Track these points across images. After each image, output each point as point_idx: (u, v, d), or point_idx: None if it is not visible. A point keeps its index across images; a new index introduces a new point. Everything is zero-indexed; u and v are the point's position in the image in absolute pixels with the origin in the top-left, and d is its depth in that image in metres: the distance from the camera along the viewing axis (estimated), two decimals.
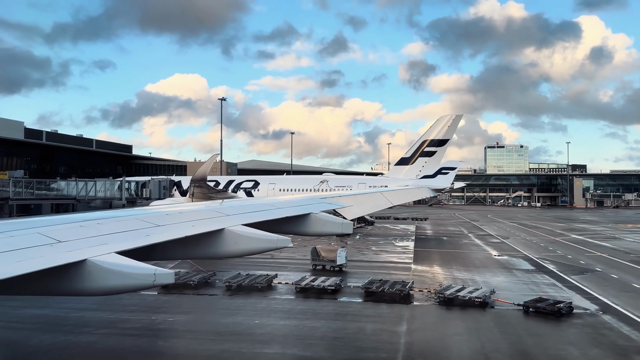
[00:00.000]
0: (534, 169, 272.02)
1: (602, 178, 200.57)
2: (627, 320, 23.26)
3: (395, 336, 20.67)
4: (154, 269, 7.22)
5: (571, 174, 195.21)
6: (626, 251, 48.08)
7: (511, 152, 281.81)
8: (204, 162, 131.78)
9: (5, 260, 6.60)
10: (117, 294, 7.58)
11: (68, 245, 7.64)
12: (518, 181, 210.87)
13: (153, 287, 7.36)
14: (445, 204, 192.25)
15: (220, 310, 25.37)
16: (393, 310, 25.19)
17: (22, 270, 6.35)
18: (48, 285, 7.24)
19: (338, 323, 22.96)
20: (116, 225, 9.27)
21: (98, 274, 7.07)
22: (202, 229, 10.13)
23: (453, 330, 22.02)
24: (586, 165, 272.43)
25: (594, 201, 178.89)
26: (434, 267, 38.86)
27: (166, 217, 10.74)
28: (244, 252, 10.63)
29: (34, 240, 7.56)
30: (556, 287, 30.97)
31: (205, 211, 12.05)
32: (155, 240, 8.89)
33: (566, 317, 23.82)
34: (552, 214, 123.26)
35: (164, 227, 9.77)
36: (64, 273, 7.08)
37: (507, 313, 24.85)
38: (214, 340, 20.37)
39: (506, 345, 19.77)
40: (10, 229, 7.97)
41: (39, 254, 7.08)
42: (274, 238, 10.57)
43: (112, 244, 8.05)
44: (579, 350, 19.22)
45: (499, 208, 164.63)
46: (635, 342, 20.08)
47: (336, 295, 28.29)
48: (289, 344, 20.03)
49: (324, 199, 17.56)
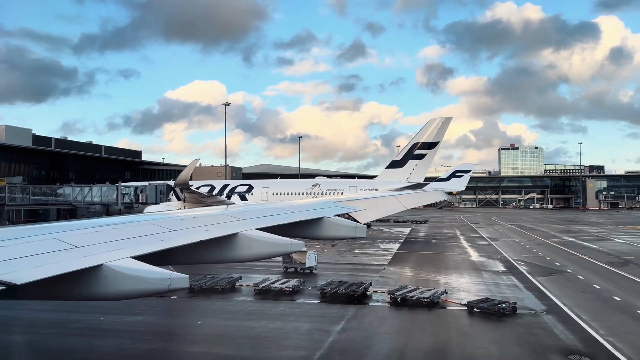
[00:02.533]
0: (550, 170, 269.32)
1: (617, 179, 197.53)
2: (566, 320, 23.41)
3: (326, 335, 21.11)
4: (169, 273, 7.35)
5: (584, 175, 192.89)
6: (609, 252, 47.82)
7: (525, 154, 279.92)
8: (209, 167, 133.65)
9: (24, 265, 6.67)
10: (132, 298, 7.61)
11: (84, 250, 7.71)
12: (531, 183, 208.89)
13: (168, 291, 7.51)
14: (457, 206, 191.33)
15: (170, 312, 26.05)
16: (340, 310, 25.59)
17: (39, 275, 6.40)
18: (65, 290, 7.29)
19: (278, 323, 23.46)
20: (131, 231, 9.34)
21: (114, 279, 7.15)
22: (216, 233, 10.16)
23: (386, 329, 22.43)
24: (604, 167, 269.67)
25: (607, 202, 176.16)
26: (405, 268, 39.16)
27: (180, 222, 10.88)
28: (258, 256, 10.66)
29: (52, 245, 7.63)
30: (516, 289, 31.12)
31: (219, 215, 12.06)
32: (170, 245, 8.96)
33: (507, 317, 24.03)
34: (559, 215, 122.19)
35: (179, 232, 9.83)
36: (81, 278, 7.16)
37: (451, 313, 25.17)
38: (148, 340, 21.03)
39: (428, 344, 20.12)
40: (28, 235, 8.10)
41: (56, 259, 7.15)
42: (287, 242, 10.63)
43: (127, 248, 8.13)
44: (499, 349, 19.51)
45: (509, 210, 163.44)
46: (559, 342, 20.26)
47: (294, 297, 28.75)
48: (218, 343, 20.60)
49: (337, 202, 17.66)
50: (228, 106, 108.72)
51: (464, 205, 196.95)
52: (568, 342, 20.28)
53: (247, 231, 10.47)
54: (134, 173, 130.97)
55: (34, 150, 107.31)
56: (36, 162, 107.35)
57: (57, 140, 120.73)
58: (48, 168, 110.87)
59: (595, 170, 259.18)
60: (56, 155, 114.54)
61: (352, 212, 17.26)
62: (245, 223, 11.32)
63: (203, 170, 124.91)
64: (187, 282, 7.64)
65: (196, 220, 11.29)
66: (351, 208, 17.41)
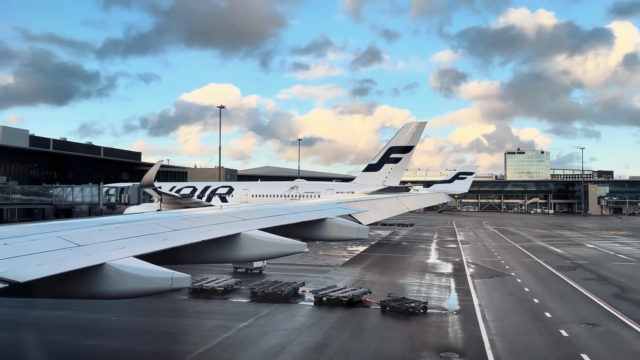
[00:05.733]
0: (558, 175, 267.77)
1: (621, 184, 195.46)
2: (467, 320, 24.03)
3: (224, 331, 21.89)
4: (171, 272, 7.35)
5: (586, 180, 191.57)
6: (567, 257, 48.14)
7: (532, 159, 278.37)
8: (204, 169, 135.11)
9: (26, 263, 6.62)
10: (134, 297, 7.64)
11: (87, 249, 7.69)
12: (535, 187, 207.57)
13: (170, 290, 7.48)
14: (459, 210, 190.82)
15: (94, 308, 26.31)
16: (258, 308, 26.32)
17: (42, 273, 6.37)
18: (67, 288, 7.29)
19: (189, 320, 24.38)
20: (134, 230, 9.31)
21: (116, 278, 7.14)
22: (219, 233, 10.15)
23: (288, 326, 23.18)
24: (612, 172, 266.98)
25: (610, 208, 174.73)
26: (355, 269, 39.84)
27: (183, 222, 10.87)
28: (260, 256, 10.86)
29: (55, 244, 7.62)
30: (446, 290, 31.80)
31: (222, 215, 12.06)
32: (173, 245, 8.93)
33: (415, 315, 24.72)
34: (553, 221, 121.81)
35: (181, 232, 9.83)
36: (83, 276, 7.13)
37: (364, 311, 25.93)
38: (52, 333, 21.94)
39: (315, 340, 20.78)
40: (31, 233, 8.06)
41: (59, 257, 7.11)
42: (289, 243, 10.63)
43: (130, 247, 8.11)
44: (379, 345, 20.20)
45: (509, 215, 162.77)
46: (443, 340, 20.91)
47: (226, 296, 29.57)
48: (119, 337, 21.51)
49: (340, 203, 17.81)
50: (223, 108, 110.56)
51: (466, 210, 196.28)
52: (452, 340, 20.98)
53: (250, 231, 10.49)
54: (133, 174, 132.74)
55: (32, 151, 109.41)
56: (34, 162, 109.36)
57: (55, 141, 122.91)
58: (48, 168, 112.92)
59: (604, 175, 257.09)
60: (55, 156, 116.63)
61: (354, 213, 17.52)
62: (248, 223, 11.36)
63: (198, 172, 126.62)
64: (189, 281, 7.68)
65: (199, 219, 11.35)
66: (354, 209, 17.68)
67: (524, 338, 21.30)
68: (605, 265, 42.62)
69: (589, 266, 42.21)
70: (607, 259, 47.61)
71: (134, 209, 66.70)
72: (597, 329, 22.56)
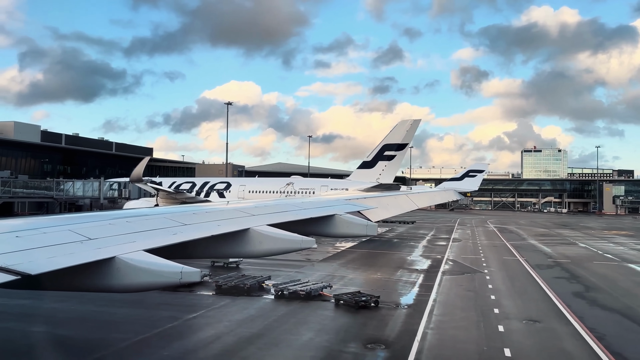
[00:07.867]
0: (575, 174, 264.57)
1: (637, 184, 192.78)
2: (414, 315, 24.41)
3: (170, 321, 22.59)
4: (181, 267, 7.44)
5: (601, 179, 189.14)
6: (552, 256, 48.08)
7: (549, 157, 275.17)
8: (211, 165, 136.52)
9: (38, 256, 6.70)
10: (144, 291, 7.71)
11: (98, 242, 7.79)
12: (550, 186, 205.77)
13: (180, 285, 7.63)
14: (471, 208, 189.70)
15: (53, 297, 26.64)
16: (216, 300, 26.99)
17: (53, 266, 6.45)
18: (77, 281, 7.34)
19: (141, 311, 24.98)
20: (144, 224, 9.39)
21: (126, 271, 7.19)
22: (228, 228, 10.28)
23: (234, 317, 23.73)
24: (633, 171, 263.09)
25: (625, 208, 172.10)
26: (331, 265, 40.33)
27: (193, 216, 10.92)
28: (269, 252, 10.88)
29: (66, 237, 7.70)
30: (410, 285, 32.21)
31: (231, 211, 12.24)
32: (182, 239, 9.08)
33: (366, 309, 25.17)
34: (562, 220, 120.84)
35: (191, 226, 9.91)
36: (94, 270, 7.22)
37: (317, 304, 26.39)
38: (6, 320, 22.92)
39: (253, 331, 21.34)
40: (43, 226, 8.16)
41: (69, 250, 7.21)
42: (298, 239, 10.80)
43: (140, 241, 8.18)
44: (311, 336, 20.71)
45: (521, 213, 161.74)
46: (378, 332, 21.41)
47: (193, 288, 30.25)
48: (67, 325, 22.27)
49: (348, 200, 17.96)
50: (230, 105, 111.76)
51: (479, 208, 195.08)
52: (387, 333, 21.50)
53: (259, 227, 10.59)
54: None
55: (44, 147, 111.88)
56: (46, 157, 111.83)
57: (67, 136, 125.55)
58: (61, 163, 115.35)
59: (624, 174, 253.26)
60: (68, 152, 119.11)
61: (363, 210, 17.70)
62: (257, 219, 11.49)
63: (206, 167, 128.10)
64: (199, 276, 7.77)
65: (209, 214, 11.48)
66: (363, 206, 17.85)
67: (458, 332, 21.67)
68: (584, 265, 42.54)
69: (568, 265, 42.18)
70: (591, 258, 47.45)
71: (133, 204, 68.09)
72: (536, 325, 22.83)
